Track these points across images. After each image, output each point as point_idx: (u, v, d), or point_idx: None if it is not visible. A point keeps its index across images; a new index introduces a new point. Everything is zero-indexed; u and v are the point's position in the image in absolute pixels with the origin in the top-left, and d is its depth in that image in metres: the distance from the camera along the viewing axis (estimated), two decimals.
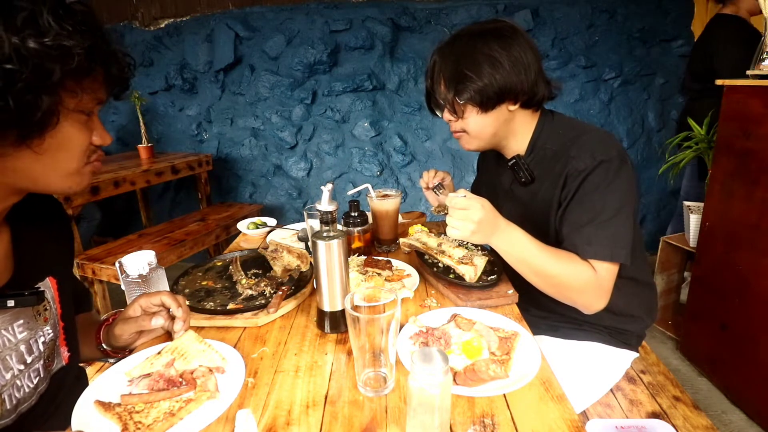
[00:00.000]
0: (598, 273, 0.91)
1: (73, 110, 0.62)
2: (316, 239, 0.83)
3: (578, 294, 0.93)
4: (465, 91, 0.97)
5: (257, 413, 0.68)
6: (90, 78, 0.61)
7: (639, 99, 2.98)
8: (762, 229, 1.58)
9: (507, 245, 0.92)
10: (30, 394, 0.72)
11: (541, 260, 0.91)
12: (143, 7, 3.07)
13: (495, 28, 0.97)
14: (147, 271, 1.19)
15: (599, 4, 2.83)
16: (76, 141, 0.65)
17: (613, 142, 0.97)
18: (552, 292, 0.96)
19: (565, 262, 0.92)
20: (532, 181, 1.06)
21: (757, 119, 1.59)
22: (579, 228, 0.94)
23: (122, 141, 3.37)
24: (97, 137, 0.69)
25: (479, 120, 1.01)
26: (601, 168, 0.93)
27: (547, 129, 1.06)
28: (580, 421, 0.65)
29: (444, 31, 2.91)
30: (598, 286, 0.92)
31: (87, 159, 0.68)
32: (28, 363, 0.72)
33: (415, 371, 0.58)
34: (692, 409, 1.21)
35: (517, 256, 0.92)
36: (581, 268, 0.91)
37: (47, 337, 0.75)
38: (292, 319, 0.96)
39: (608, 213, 0.92)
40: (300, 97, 3.00)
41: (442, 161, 3.07)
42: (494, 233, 0.90)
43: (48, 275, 0.77)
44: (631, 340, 1.15)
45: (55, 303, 0.79)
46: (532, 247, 0.91)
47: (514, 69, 0.95)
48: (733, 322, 1.75)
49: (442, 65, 1.00)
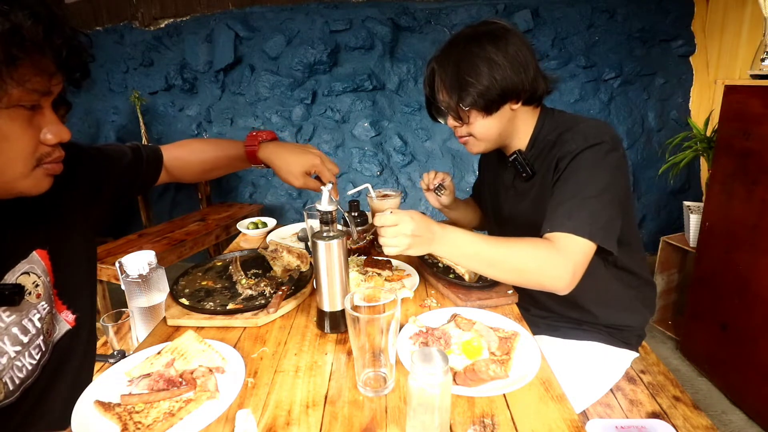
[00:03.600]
0: (563, 246, 0.86)
1: (6, 107, 0.53)
2: (316, 239, 0.83)
3: (539, 273, 0.86)
4: (468, 96, 0.97)
5: (257, 413, 0.68)
6: (23, 68, 0.52)
7: (639, 99, 2.98)
8: (762, 229, 1.58)
9: (450, 247, 0.87)
10: (33, 370, 0.71)
11: (489, 251, 0.86)
12: (143, 7, 3.07)
13: (488, 31, 0.97)
14: (147, 271, 1.18)
15: (599, 4, 2.83)
16: (17, 142, 0.56)
17: (607, 129, 0.96)
18: (514, 280, 0.90)
19: (518, 245, 0.87)
20: (534, 175, 1.06)
21: (757, 119, 1.59)
22: (560, 203, 0.90)
23: (122, 141, 3.35)
24: (50, 134, 0.59)
25: (485, 123, 1.01)
26: (590, 149, 0.92)
27: (547, 124, 1.06)
28: (580, 421, 0.65)
29: (444, 30, 2.91)
30: (560, 259, 0.85)
31: (37, 160, 0.60)
32: (26, 342, 0.69)
33: (415, 371, 0.58)
34: (692, 409, 1.21)
35: (465, 254, 0.87)
36: (536, 244, 0.87)
37: (43, 312, 0.72)
38: (292, 319, 0.96)
39: (591, 191, 0.89)
40: (300, 97, 3.00)
41: (442, 161, 3.07)
42: (432, 240, 0.85)
43: (34, 249, 0.72)
44: (631, 339, 1.15)
45: (48, 274, 0.74)
46: (476, 240, 0.87)
47: (513, 68, 0.95)
48: (733, 322, 1.75)
49: (442, 74, 1.00)
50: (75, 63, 0.58)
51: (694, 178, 3.03)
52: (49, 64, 0.55)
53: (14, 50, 0.49)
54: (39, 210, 0.77)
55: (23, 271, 0.71)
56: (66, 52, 0.55)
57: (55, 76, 0.56)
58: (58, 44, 0.54)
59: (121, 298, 1.17)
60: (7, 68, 0.50)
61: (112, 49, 3.20)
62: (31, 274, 0.72)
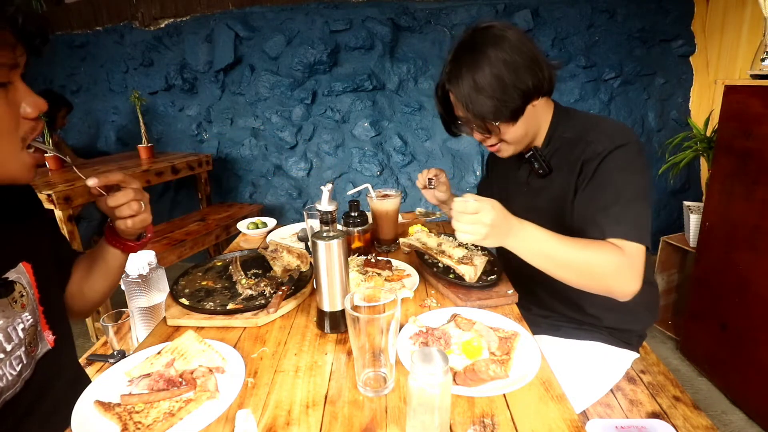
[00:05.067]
0: (628, 253, 0.86)
1: None
2: (316, 239, 0.83)
3: (613, 278, 0.86)
4: (493, 112, 0.95)
5: (257, 413, 0.68)
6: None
7: (639, 99, 2.98)
8: (762, 229, 1.58)
9: (524, 243, 0.85)
10: (14, 381, 0.71)
11: (564, 251, 0.85)
12: (143, 7, 3.07)
13: (488, 37, 0.95)
14: (147, 271, 1.19)
15: (599, 4, 2.83)
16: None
17: (629, 129, 0.98)
18: (584, 284, 0.89)
19: (591, 248, 0.86)
20: (550, 172, 1.06)
21: (757, 119, 1.59)
22: (604, 208, 0.90)
23: (122, 141, 3.38)
24: (29, 107, 0.59)
25: (514, 129, 1.00)
26: (621, 150, 0.92)
27: (563, 120, 1.06)
28: (580, 421, 0.65)
29: (444, 30, 2.91)
30: (630, 266, 0.86)
31: (23, 138, 0.59)
32: (8, 351, 0.70)
33: (415, 371, 0.58)
34: (692, 409, 1.21)
35: (538, 253, 0.86)
36: (609, 249, 0.86)
37: (27, 324, 0.73)
38: (292, 319, 0.96)
39: (632, 194, 0.90)
40: (300, 97, 3.00)
41: (442, 161, 3.07)
42: (508, 234, 0.84)
43: (21, 260, 0.74)
44: (632, 339, 1.15)
45: (32, 288, 0.76)
46: (552, 240, 0.85)
47: (526, 68, 0.94)
48: (733, 322, 1.75)
49: (458, 94, 0.97)
50: (33, 30, 0.57)
51: (694, 178, 3.03)
52: (7, 35, 0.55)
53: None
54: (25, 222, 0.78)
55: (12, 279, 0.72)
56: (21, 19, 0.55)
57: (16, 47, 0.56)
58: (12, 13, 0.54)
59: (121, 298, 1.17)
60: None
61: (112, 49, 3.20)
62: (17, 283, 0.73)
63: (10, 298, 0.71)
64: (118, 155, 3.02)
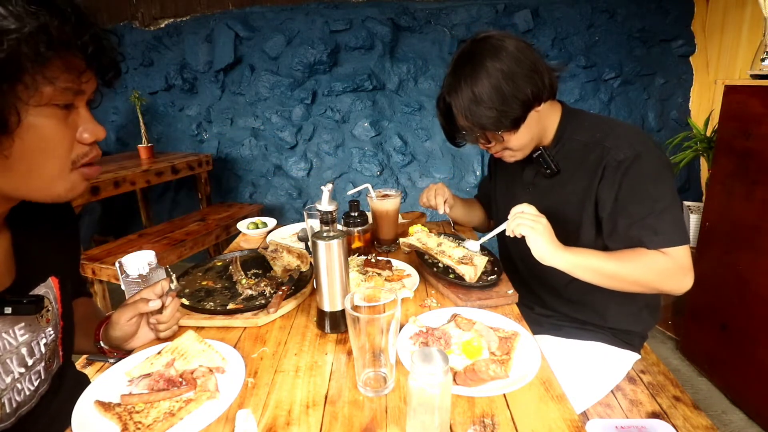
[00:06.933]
0: (672, 257, 0.92)
1: (39, 105, 0.53)
2: (316, 239, 0.83)
3: (663, 283, 0.93)
4: (493, 122, 0.97)
5: (257, 413, 0.68)
6: (53, 66, 0.52)
7: (639, 99, 2.98)
8: (762, 229, 1.58)
9: (574, 257, 0.92)
10: (30, 397, 0.71)
11: (611, 265, 0.92)
12: (143, 7, 3.07)
13: (486, 48, 0.95)
14: (147, 271, 1.19)
15: (599, 4, 2.83)
16: (53, 141, 0.56)
17: (645, 134, 1.01)
18: (636, 290, 0.96)
19: (634, 259, 0.92)
20: (558, 172, 1.06)
21: (757, 119, 1.59)
22: (640, 221, 0.94)
23: (122, 141, 3.38)
24: (86, 133, 0.59)
25: (518, 136, 1.01)
26: (644, 158, 0.94)
27: (572, 121, 1.06)
28: (580, 421, 0.65)
29: (444, 30, 2.91)
30: (678, 268, 0.92)
31: (74, 161, 0.60)
32: (30, 365, 0.70)
33: (415, 371, 0.58)
34: (692, 409, 1.21)
35: (586, 267, 0.92)
36: (653, 258, 0.92)
37: (49, 339, 0.74)
38: (292, 319, 0.96)
39: (666, 200, 0.93)
40: (300, 97, 3.00)
41: (442, 161, 3.07)
42: (559, 246, 0.92)
43: (51, 275, 0.75)
44: (634, 341, 1.15)
45: (57, 303, 0.76)
46: (597, 254, 0.93)
47: (525, 76, 0.94)
48: (733, 322, 1.75)
49: (459, 106, 0.98)
50: (104, 61, 0.58)
51: (694, 178, 3.03)
52: (78, 62, 0.55)
53: (43, 48, 0.50)
54: (57, 234, 0.79)
55: (41, 294, 0.73)
56: (93, 48, 0.55)
57: (84, 74, 0.57)
58: (85, 42, 0.54)
59: (121, 298, 1.17)
60: (37, 66, 0.51)
61: None
62: (45, 298, 0.73)
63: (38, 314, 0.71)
64: (118, 155, 3.02)
